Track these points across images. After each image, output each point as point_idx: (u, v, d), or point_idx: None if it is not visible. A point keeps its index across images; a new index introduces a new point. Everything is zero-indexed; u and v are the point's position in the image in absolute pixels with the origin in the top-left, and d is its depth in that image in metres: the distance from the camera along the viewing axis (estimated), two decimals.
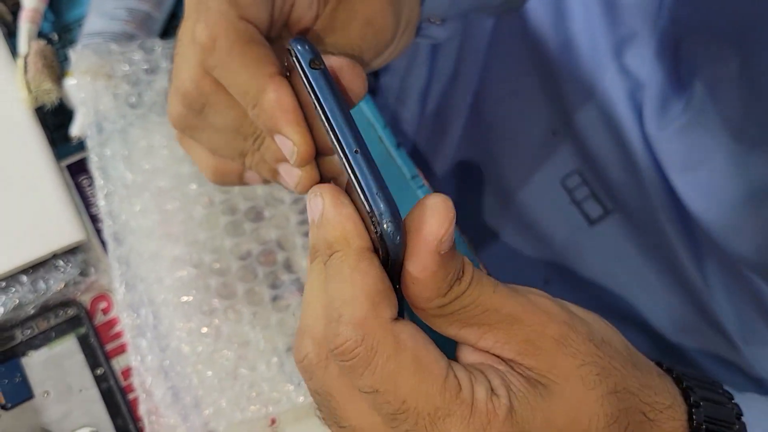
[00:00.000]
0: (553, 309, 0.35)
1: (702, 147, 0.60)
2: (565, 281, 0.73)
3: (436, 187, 0.69)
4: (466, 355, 0.35)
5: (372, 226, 0.32)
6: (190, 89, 0.38)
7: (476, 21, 0.74)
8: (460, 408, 0.31)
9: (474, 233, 0.76)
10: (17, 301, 0.53)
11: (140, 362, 0.51)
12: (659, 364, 0.38)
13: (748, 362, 0.64)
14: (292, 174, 0.38)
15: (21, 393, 0.52)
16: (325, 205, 0.33)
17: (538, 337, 0.33)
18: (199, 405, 0.50)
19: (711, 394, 0.37)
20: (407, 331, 0.32)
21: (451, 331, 0.34)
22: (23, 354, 0.53)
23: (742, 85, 0.58)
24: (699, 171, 0.61)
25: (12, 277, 0.54)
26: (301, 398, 0.51)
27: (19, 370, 0.53)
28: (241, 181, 0.43)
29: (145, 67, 0.58)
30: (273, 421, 0.52)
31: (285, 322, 0.52)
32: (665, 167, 0.63)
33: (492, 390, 0.32)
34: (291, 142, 0.36)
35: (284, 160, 0.39)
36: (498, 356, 0.34)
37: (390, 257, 0.32)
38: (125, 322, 0.52)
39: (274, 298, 0.53)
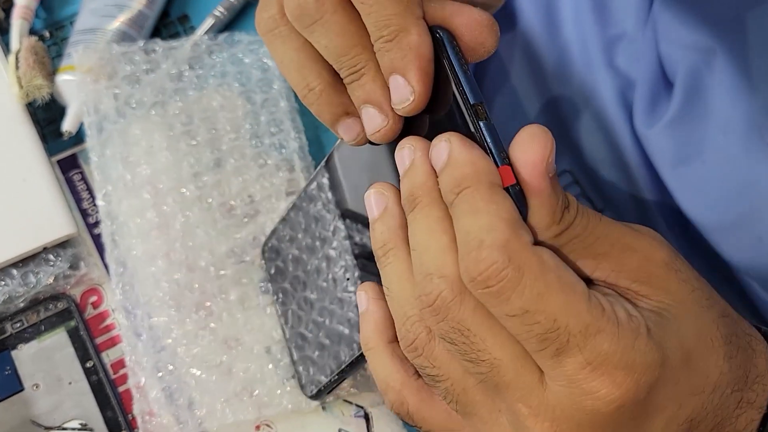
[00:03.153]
0: (656, 235, 0.35)
1: (690, 142, 0.60)
2: None
3: None
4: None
5: None
6: (307, 1, 0.36)
7: None
8: (608, 325, 0.31)
9: None
10: (7, 295, 0.53)
11: (135, 363, 0.52)
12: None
13: None
14: (374, 119, 0.37)
15: (10, 386, 0.52)
16: (453, 147, 0.33)
17: (649, 263, 0.34)
18: (193, 406, 0.50)
19: None
20: (548, 252, 0.32)
21: (569, 263, 0.34)
22: (13, 347, 0.53)
23: (726, 76, 0.58)
24: (689, 167, 0.61)
25: (2, 270, 0.54)
26: (290, 406, 0.51)
27: (9, 362, 0.53)
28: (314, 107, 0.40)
29: (145, 67, 0.58)
30: (258, 428, 0.52)
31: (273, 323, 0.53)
32: (656, 164, 0.63)
33: (628, 312, 0.33)
34: (412, 88, 0.35)
35: (372, 102, 0.37)
36: (614, 285, 0.34)
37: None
38: (121, 322, 0.53)
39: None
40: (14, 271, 0.54)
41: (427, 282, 0.33)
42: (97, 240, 0.57)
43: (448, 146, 0.33)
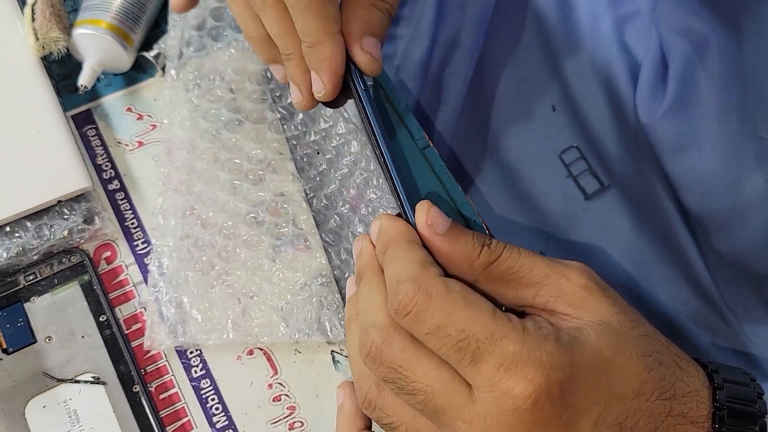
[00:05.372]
0: (585, 267, 0.41)
1: (687, 131, 0.61)
2: (560, 255, 0.73)
3: None
4: None
5: None
6: None
7: None
8: (512, 331, 0.36)
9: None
10: (21, 247, 0.53)
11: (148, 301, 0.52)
12: None
13: (740, 338, 0.65)
14: (295, 94, 0.48)
15: (23, 338, 0.52)
16: (382, 222, 0.42)
17: (581, 289, 0.39)
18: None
19: (733, 376, 0.41)
20: (455, 281, 0.38)
21: (510, 293, 0.40)
22: (26, 299, 0.53)
23: (718, 65, 0.58)
24: (686, 155, 0.61)
25: (17, 222, 0.54)
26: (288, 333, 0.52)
27: (22, 314, 0.52)
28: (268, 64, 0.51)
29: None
30: (269, 389, 0.53)
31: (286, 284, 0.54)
32: (657, 152, 0.64)
33: (539, 325, 0.38)
34: (323, 85, 0.46)
35: (294, 82, 0.48)
36: (552, 311, 0.39)
37: None
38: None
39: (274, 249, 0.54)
40: (28, 224, 0.54)
41: (365, 335, 0.39)
42: (111, 195, 0.57)
43: (379, 222, 0.42)
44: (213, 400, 0.52)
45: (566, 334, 0.37)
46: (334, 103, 0.49)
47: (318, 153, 0.57)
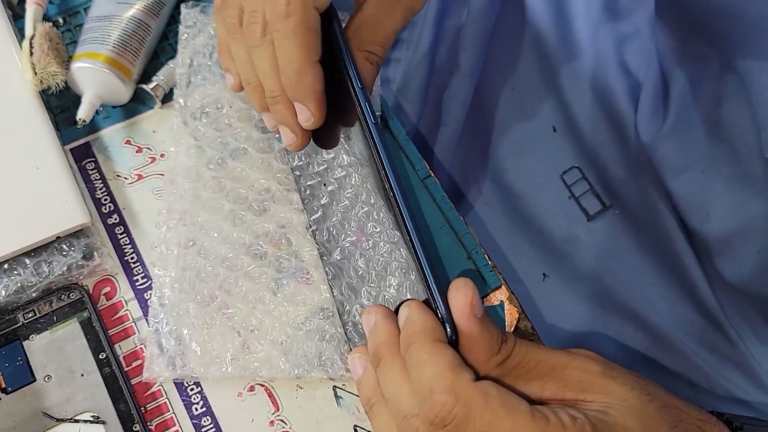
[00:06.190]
0: (590, 353, 0.40)
1: (690, 151, 0.61)
2: (563, 276, 0.73)
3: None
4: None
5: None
6: (254, 30, 0.46)
7: (478, 14, 0.74)
8: (555, 429, 0.36)
9: (472, 227, 0.76)
10: (19, 284, 0.53)
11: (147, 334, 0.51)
12: (710, 412, 0.43)
13: (746, 359, 0.65)
14: (287, 136, 0.49)
15: (22, 377, 0.51)
16: (410, 311, 0.40)
17: (588, 375, 0.39)
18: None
19: (758, 430, 0.42)
20: (488, 384, 0.37)
21: (518, 387, 0.39)
22: (25, 337, 0.52)
23: (719, 85, 0.58)
24: (689, 176, 0.61)
25: (15, 259, 0.53)
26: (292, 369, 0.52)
27: (21, 353, 0.52)
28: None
29: None
30: (272, 423, 0.52)
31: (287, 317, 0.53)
32: (659, 171, 0.63)
33: (572, 415, 0.37)
34: (310, 113, 0.47)
35: (284, 124, 0.48)
36: (562, 400, 0.39)
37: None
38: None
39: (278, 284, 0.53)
40: (27, 261, 0.53)
41: (406, 423, 0.38)
42: (110, 230, 0.56)
43: (407, 310, 0.40)
44: None
45: (598, 421, 0.37)
46: (327, 141, 0.49)
47: (324, 185, 0.57)
